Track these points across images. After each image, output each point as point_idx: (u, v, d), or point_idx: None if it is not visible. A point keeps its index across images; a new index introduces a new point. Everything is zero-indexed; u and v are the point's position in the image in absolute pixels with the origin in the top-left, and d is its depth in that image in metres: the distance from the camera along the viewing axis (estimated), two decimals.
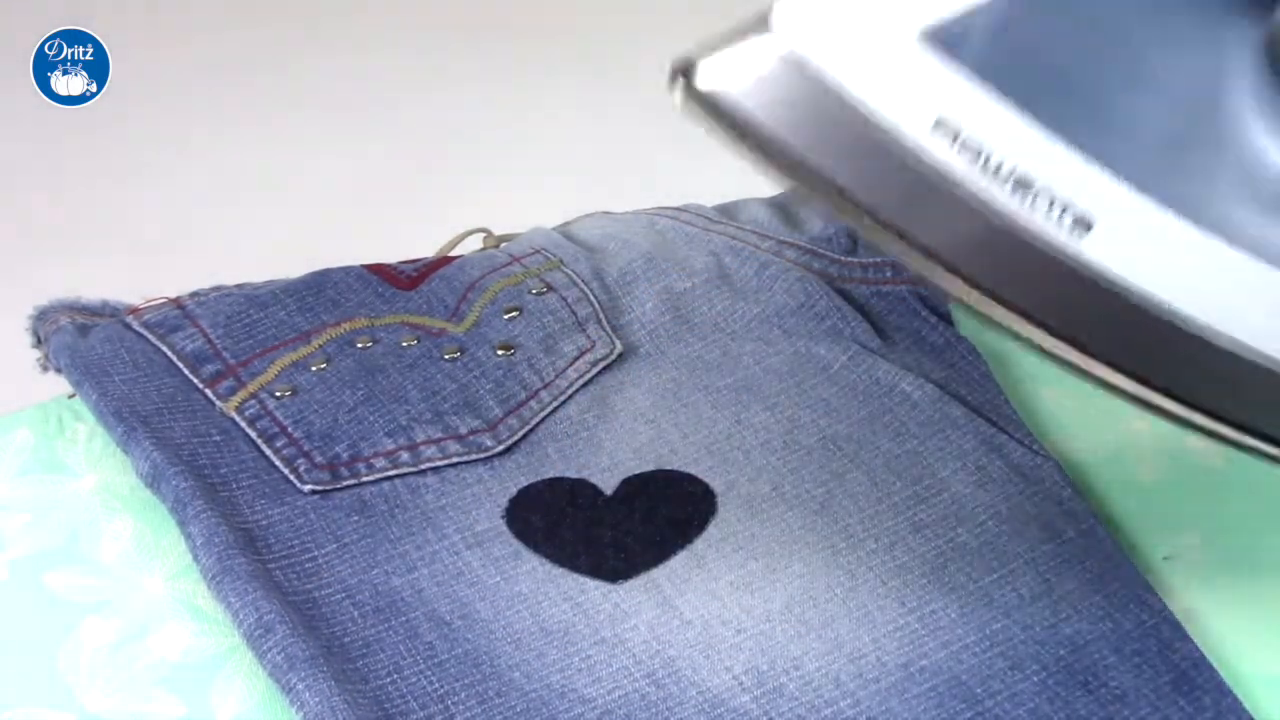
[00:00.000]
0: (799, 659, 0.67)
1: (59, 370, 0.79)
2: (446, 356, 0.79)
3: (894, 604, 0.69)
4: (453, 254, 0.87)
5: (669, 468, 0.75)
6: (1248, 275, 0.57)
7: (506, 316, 0.81)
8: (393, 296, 0.82)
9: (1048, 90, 0.56)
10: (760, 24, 0.56)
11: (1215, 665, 0.67)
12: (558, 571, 0.71)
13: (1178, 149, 0.58)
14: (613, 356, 0.80)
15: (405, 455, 0.75)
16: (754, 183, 0.95)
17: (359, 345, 0.79)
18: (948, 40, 0.55)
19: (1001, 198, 0.56)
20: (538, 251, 0.85)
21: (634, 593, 0.70)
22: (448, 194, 1.73)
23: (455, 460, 0.75)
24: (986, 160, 0.56)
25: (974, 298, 0.58)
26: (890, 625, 0.69)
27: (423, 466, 0.75)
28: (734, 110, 0.56)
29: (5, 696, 0.67)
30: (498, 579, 0.71)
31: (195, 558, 0.70)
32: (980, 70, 0.55)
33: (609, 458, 0.76)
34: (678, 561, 0.71)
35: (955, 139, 0.56)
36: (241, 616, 0.67)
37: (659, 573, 0.71)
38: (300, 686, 0.64)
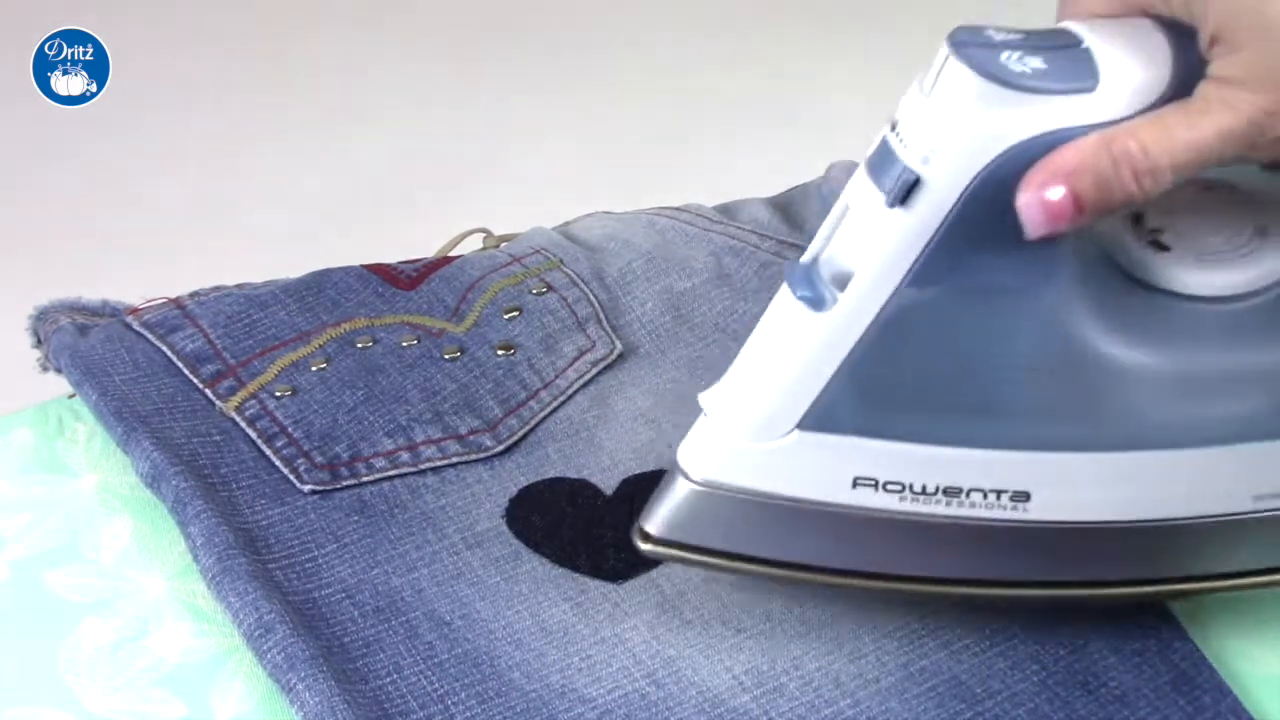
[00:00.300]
0: (799, 658, 0.67)
1: (59, 370, 0.79)
2: (446, 356, 0.79)
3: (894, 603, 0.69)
4: (453, 254, 0.87)
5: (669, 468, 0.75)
6: (1173, 467, 0.63)
7: (506, 316, 0.81)
8: (393, 296, 0.82)
9: (924, 413, 0.62)
10: (674, 471, 0.65)
11: (1214, 665, 0.67)
12: (558, 572, 0.71)
13: (1071, 398, 0.63)
14: (613, 356, 0.80)
15: (405, 455, 0.75)
16: (754, 183, 0.95)
17: (359, 345, 0.79)
18: (819, 423, 0.62)
19: (940, 510, 0.63)
20: (538, 251, 0.85)
21: (634, 593, 0.70)
22: (448, 194, 1.74)
23: (455, 460, 0.75)
24: (911, 488, 0.63)
25: (927, 593, 0.65)
26: (890, 625, 0.69)
27: (422, 467, 0.75)
28: (687, 543, 0.65)
29: (5, 696, 0.67)
30: (498, 579, 0.71)
31: (195, 558, 0.70)
32: (860, 430, 0.62)
33: (609, 458, 0.76)
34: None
35: (877, 486, 0.63)
36: (241, 616, 0.67)
37: (659, 573, 0.71)
38: (300, 686, 0.64)
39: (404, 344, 0.80)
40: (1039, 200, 0.58)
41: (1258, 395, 0.63)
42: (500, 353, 0.80)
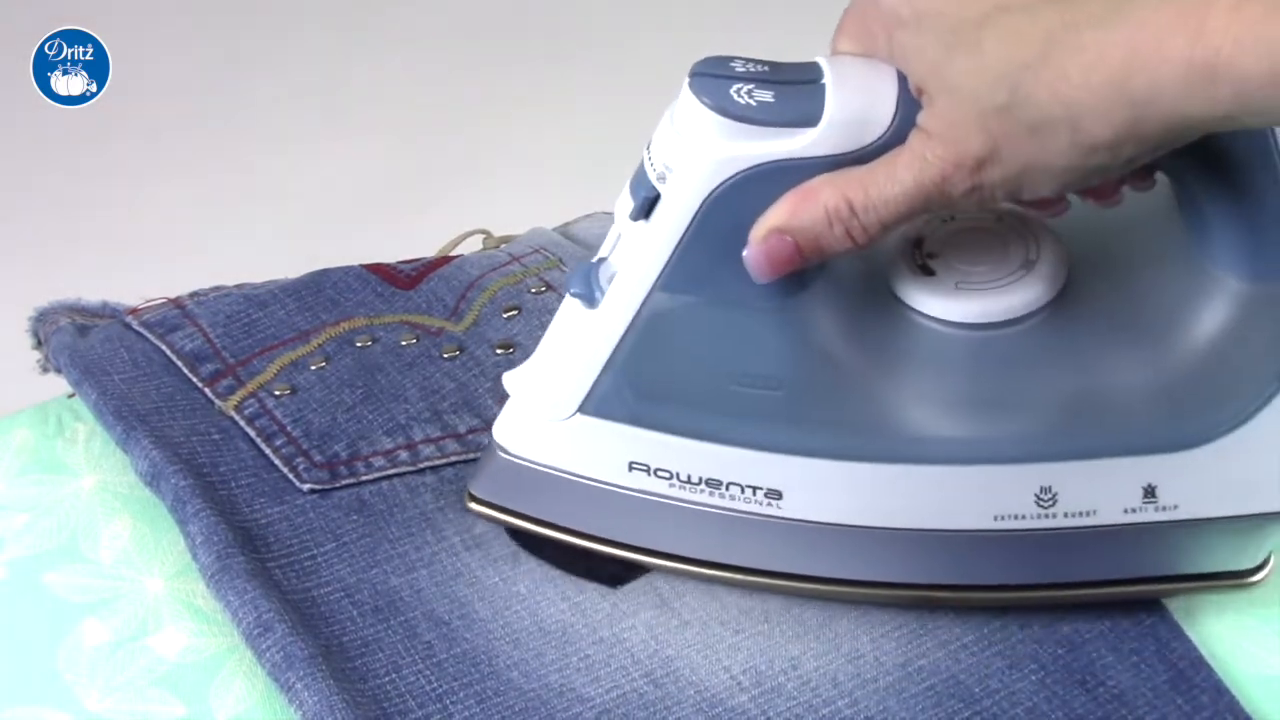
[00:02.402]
0: (797, 658, 0.68)
1: (59, 370, 0.79)
2: (445, 355, 0.79)
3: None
4: (452, 254, 0.87)
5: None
6: (916, 481, 0.66)
7: (506, 315, 0.81)
8: (392, 296, 0.82)
9: (685, 409, 0.67)
10: (492, 443, 0.71)
11: (1212, 664, 0.67)
12: (555, 572, 0.71)
13: (818, 408, 0.67)
14: None
15: (404, 454, 0.75)
16: None
17: (358, 344, 0.79)
18: (596, 409, 0.67)
19: (704, 499, 0.68)
20: (537, 251, 0.85)
21: (632, 593, 0.70)
22: (448, 194, 1.73)
23: (454, 459, 0.75)
24: (678, 476, 0.67)
25: (694, 573, 0.70)
26: (888, 624, 0.69)
27: (421, 466, 0.75)
28: (501, 505, 0.72)
29: (5, 696, 0.67)
30: (496, 580, 0.71)
31: (194, 556, 0.70)
32: (631, 419, 0.67)
33: None
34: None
35: (649, 471, 0.68)
36: (240, 615, 0.67)
37: (656, 574, 0.71)
38: (299, 685, 0.64)
39: (403, 343, 0.80)
40: (762, 251, 0.63)
41: (998, 421, 0.67)
42: (499, 352, 0.80)
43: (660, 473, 0.68)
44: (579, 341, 0.67)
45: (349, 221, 1.73)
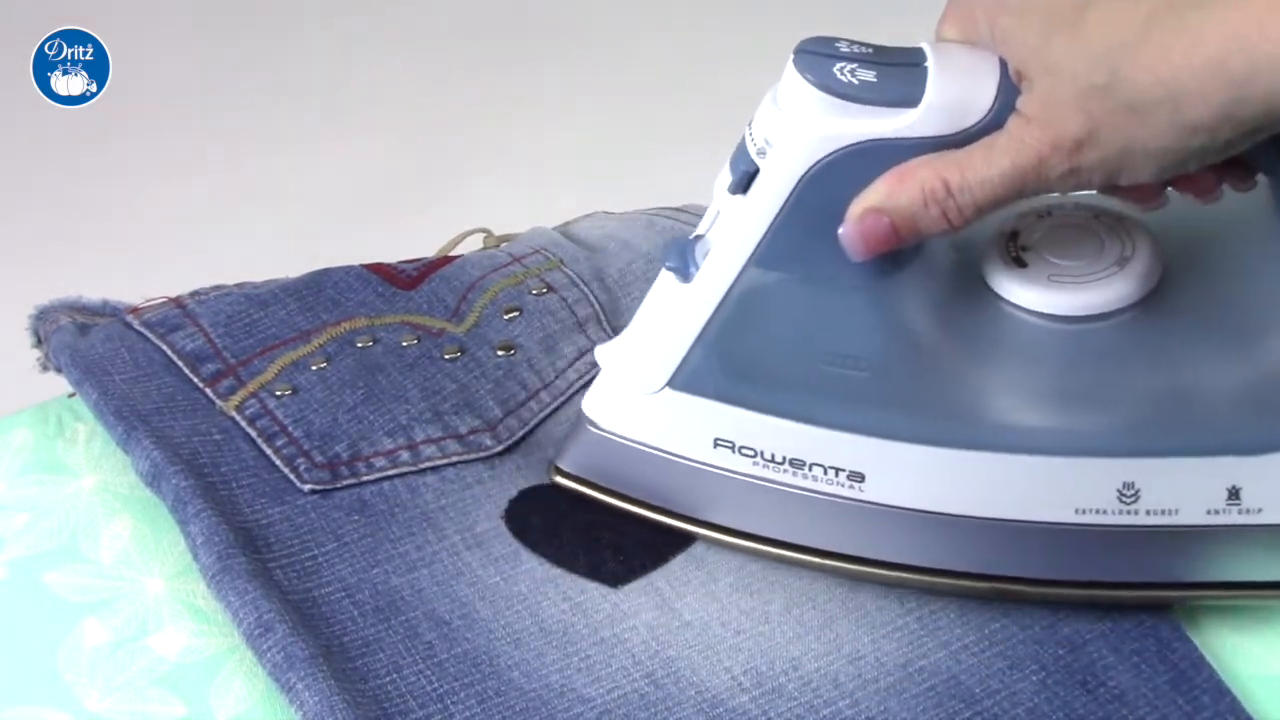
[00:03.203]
0: (798, 659, 0.68)
1: (59, 370, 0.79)
2: (446, 356, 0.79)
3: (893, 604, 0.69)
4: (453, 254, 0.87)
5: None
6: (998, 469, 0.66)
7: (506, 317, 0.81)
8: (393, 296, 0.82)
9: (773, 387, 0.67)
10: (582, 416, 0.72)
11: (1213, 665, 0.67)
12: (557, 571, 0.71)
13: (903, 391, 0.67)
14: None
15: (405, 455, 0.75)
16: None
17: (359, 344, 0.79)
18: (685, 384, 0.68)
19: (788, 478, 0.68)
20: (538, 251, 0.85)
21: (633, 594, 0.70)
22: (448, 194, 1.73)
23: (455, 460, 0.75)
24: (762, 455, 0.68)
25: (772, 554, 0.70)
26: (889, 625, 0.69)
27: (422, 466, 0.75)
28: (585, 478, 0.73)
29: (5, 696, 0.67)
30: (497, 579, 0.71)
31: (195, 556, 0.70)
32: (719, 395, 0.68)
33: None
34: (677, 564, 0.71)
35: (734, 448, 0.68)
36: (241, 615, 0.67)
37: (658, 575, 0.71)
38: (300, 685, 0.64)
39: (404, 344, 0.80)
40: (858, 230, 0.64)
41: (1084, 414, 0.67)
42: (500, 353, 0.80)
43: (745, 450, 0.68)
44: (671, 315, 0.68)
45: (349, 221, 1.72)
